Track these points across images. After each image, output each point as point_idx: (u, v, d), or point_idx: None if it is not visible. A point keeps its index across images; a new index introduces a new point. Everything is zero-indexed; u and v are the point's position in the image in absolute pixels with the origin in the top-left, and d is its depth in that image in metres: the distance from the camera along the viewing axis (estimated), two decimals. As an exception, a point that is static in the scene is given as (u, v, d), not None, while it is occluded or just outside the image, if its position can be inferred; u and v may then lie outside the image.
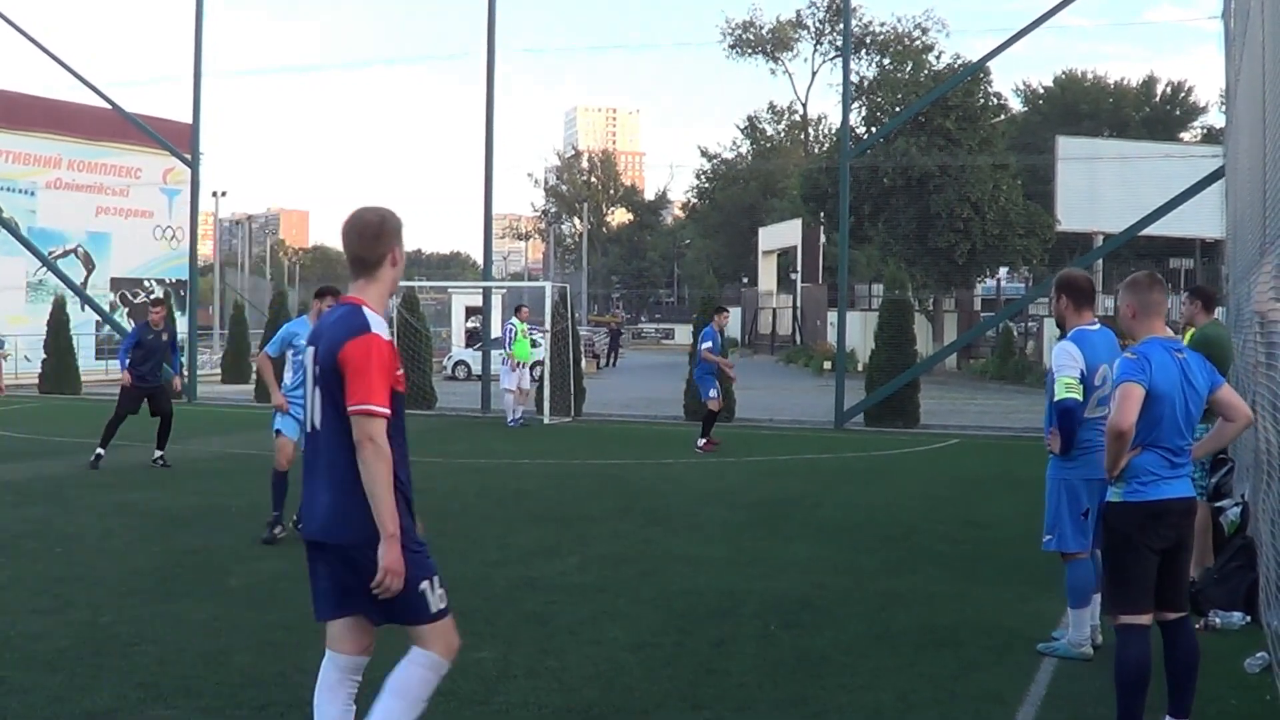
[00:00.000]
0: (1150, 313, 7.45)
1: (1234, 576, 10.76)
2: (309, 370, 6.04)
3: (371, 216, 6.25)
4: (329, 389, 5.85)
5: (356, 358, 5.76)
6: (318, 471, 5.96)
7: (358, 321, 5.87)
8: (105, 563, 12.64)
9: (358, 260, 6.12)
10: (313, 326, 6.37)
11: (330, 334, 5.89)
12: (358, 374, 5.75)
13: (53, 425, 28.50)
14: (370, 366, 5.77)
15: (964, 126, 59.98)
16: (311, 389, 6.00)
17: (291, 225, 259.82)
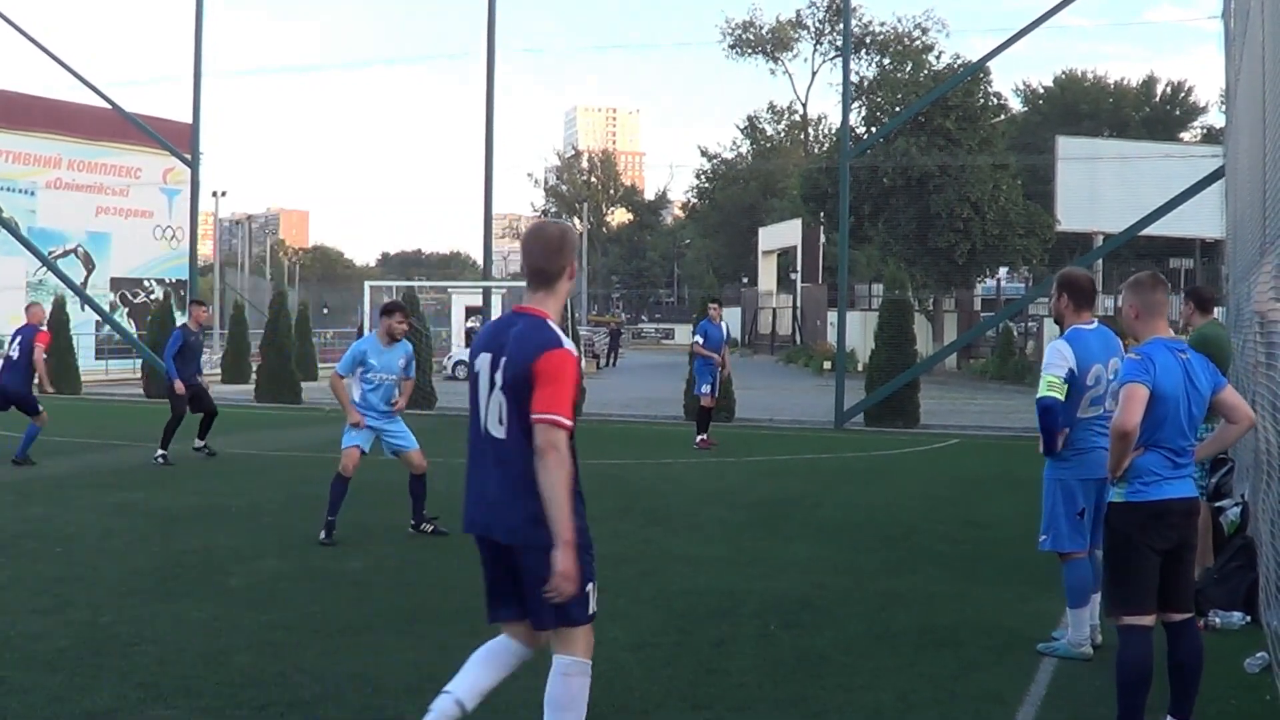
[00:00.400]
0: (1153, 313, 7.46)
1: (1234, 576, 10.76)
2: (484, 377, 6.28)
3: (554, 229, 6.51)
4: (517, 396, 6.12)
5: (550, 370, 6.06)
6: (493, 475, 6.31)
7: (549, 335, 6.17)
8: (105, 563, 12.64)
9: (540, 272, 6.39)
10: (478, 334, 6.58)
11: (519, 345, 6.15)
12: (549, 385, 6.05)
13: (53, 425, 28.38)
14: (563, 380, 6.11)
15: (964, 126, 59.96)
16: (488, 395, 6.27)
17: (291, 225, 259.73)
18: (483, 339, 6.44)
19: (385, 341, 14.40)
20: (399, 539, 14.20)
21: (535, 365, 6.06)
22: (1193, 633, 7.40)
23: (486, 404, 6.28)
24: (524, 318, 6.31)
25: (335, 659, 9.10)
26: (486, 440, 6.31)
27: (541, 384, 6.05)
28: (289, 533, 14.54)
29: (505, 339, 6.24)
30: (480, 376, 6.33)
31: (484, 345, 6.37)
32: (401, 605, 10.91)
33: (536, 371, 6.06)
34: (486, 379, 6.27)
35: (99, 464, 20.80)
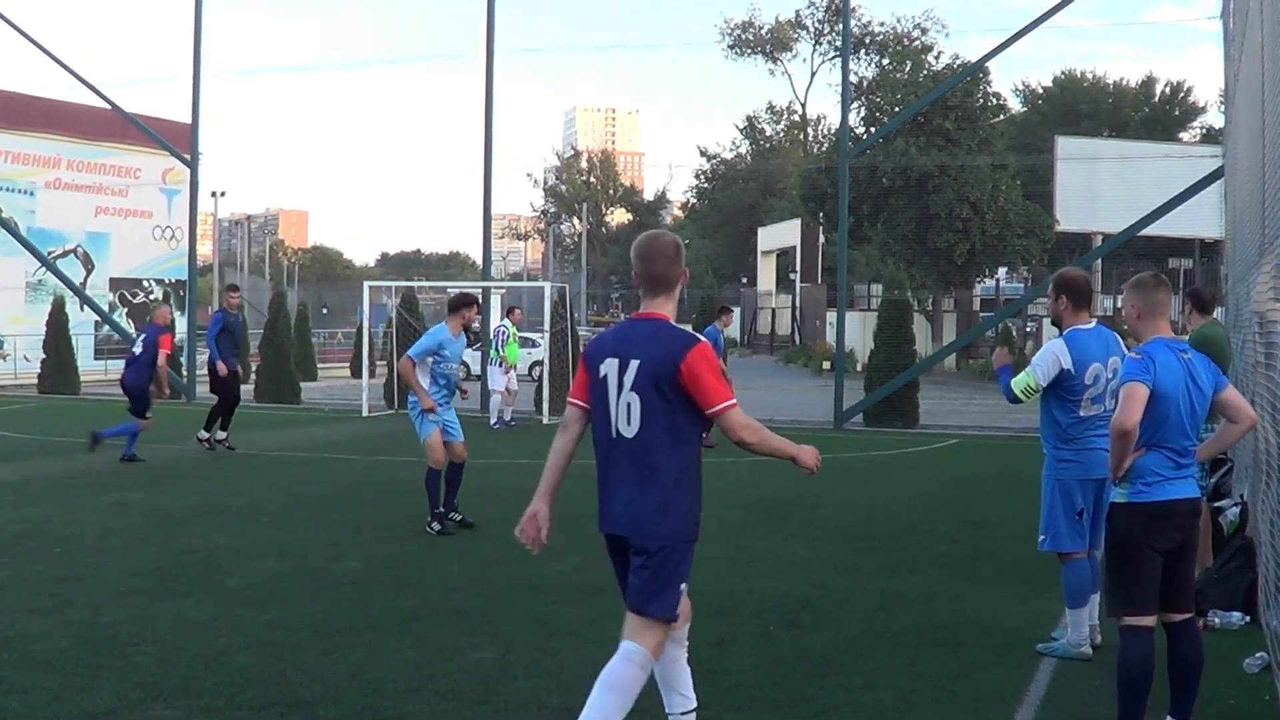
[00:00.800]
0: (1155, 313, 7.46)
1: (1233, 576, 10.77)
2: (612, 380, 6.64)
3: (669, 239, 6.95)
4: (657, 395, 6.51)
5: (701, 366, 6.49)
6: (627, 474, 6.65)
7: (684, 334, 6.65)
8: (105, 563, 12.65)
9: (660, 279, 6.78)
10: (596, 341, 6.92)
11: (654, 348, 6.55)
12: (706, 380, 6.49)
13: (52, 425, 28.49)
14: (713, 371, 6.54)
15: (963, 126, 59.93)
16: (616, 397, 6.63)
17: (290, 225, 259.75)
18: (606, 345, 6.77)
19: (456, 333, 14.98)
20: (398, 539, 14.20)
21: (684, 364, 6.46)
22: (1193, 633, 7.40)
23: (615, 406, 6.64)
24: (649, 323, 6.71)
25: (335, 659, 9.10)
26: (616, 442, 6.67)
27: (700, 381, 6.48)
28: (289, 533, 14.55)
29: (630, 344, 6.62)
30: (607, 380, 6.67)
31: (609, 351, 6.70)
32: (401, 605, 10.91)
33: (686, 371, 6.46)
34: (614, 382, 6.63)
35: (98, 464, 20.78)
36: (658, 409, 6.53)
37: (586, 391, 6.87)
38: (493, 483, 18.94)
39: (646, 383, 6.52)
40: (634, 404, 6.56)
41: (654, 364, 6.50)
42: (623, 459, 6.66)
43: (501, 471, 20.50)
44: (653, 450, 6.57)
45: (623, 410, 6.61)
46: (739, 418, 6.58)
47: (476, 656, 9.23)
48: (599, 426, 6.80)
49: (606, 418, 6.71)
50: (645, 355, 6.54)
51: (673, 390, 6.50)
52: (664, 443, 6.56)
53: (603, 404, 6.72)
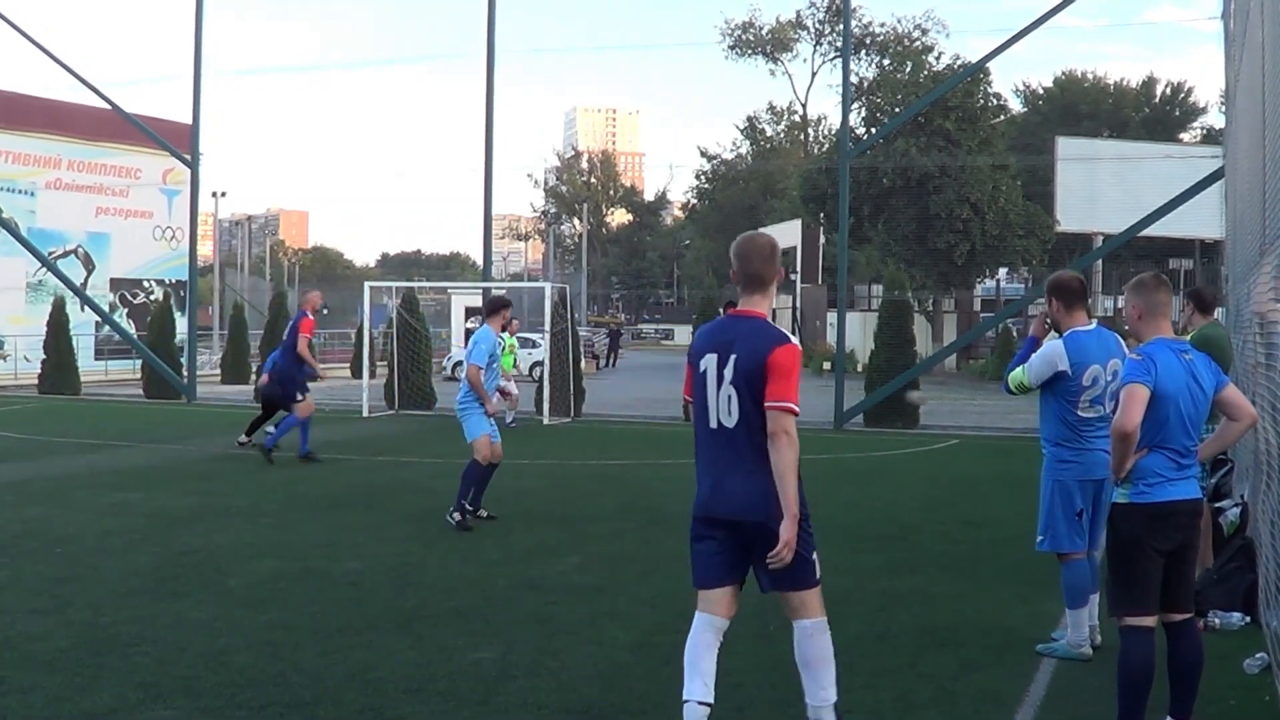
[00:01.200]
0: (1156, 313, 7.45)
1: (1233, 577, 10.76)
2: (712, 374, 7.02)
3: (766, 239, 7.34)
4: (750, 388, 6.87)
5: (784, 364, 6.84)
6: (728, 461, 6.98)
7: (777, 332, 6.99)
8: (105, 563, 12.64)
9: (757, 278, 7.15)
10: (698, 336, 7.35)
11: (750, 342, 6.92)
12: (782, 377, 6.83)
13: (52, 426, 28.49)
14: (793, 372, 6.88)
15: (964, 127, 60.01)
16: (716, 390, 7.00)
17: (291, 225, 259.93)
18: (706, 341, 7.16)
19: (498, 333, 15.76)
20: (398, 539, 14.19)
21: (769, 360, 6.82)
22: (1193, 633, 7.40)
23: (715, 399, 7.00)
24: (746, 320, 7.08)
25: (334, 659, 9.10)
26: (718, 432, 7.01)
27: (774, 377, 6.81)
28: (289, 533, 14.55)
29: (730, 339, 7.00)
30: (708, 374, 7.05)
31: (708, 346, 7.10)
32: (401, 606, 10.91)
33: (770, 365, 6.82)
34: (714, 376, 7.00)
35: (99, 464, 20.80)
36: (750, 401, 6.87)
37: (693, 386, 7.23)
38: (494, 483, 18.90)
39: (742, 376, 6.88)
40: (733, 397, 6.92)
41: (748, 358, 6.88)
42: (727, 448, 6.99)
43: (502, 472, 20.48)
44: (753, 439, 6.89)
45: (723, 402, 6.97)
46: (787, 423, 6.83)
47: (476, 657, 9.23)
48: (700, 417, 7.14)
49: (707, 409, 7.07)
50: (741, 350, 6.92)
51: (759, 383, 6.84)
52: (763, 432, 6.86)
53: (703, 396, 7.09)
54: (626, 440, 26.72)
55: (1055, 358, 9.10)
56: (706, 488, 7.12)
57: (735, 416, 6.93)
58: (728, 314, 7.30)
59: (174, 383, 37.38)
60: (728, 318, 7.24)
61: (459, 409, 15.43)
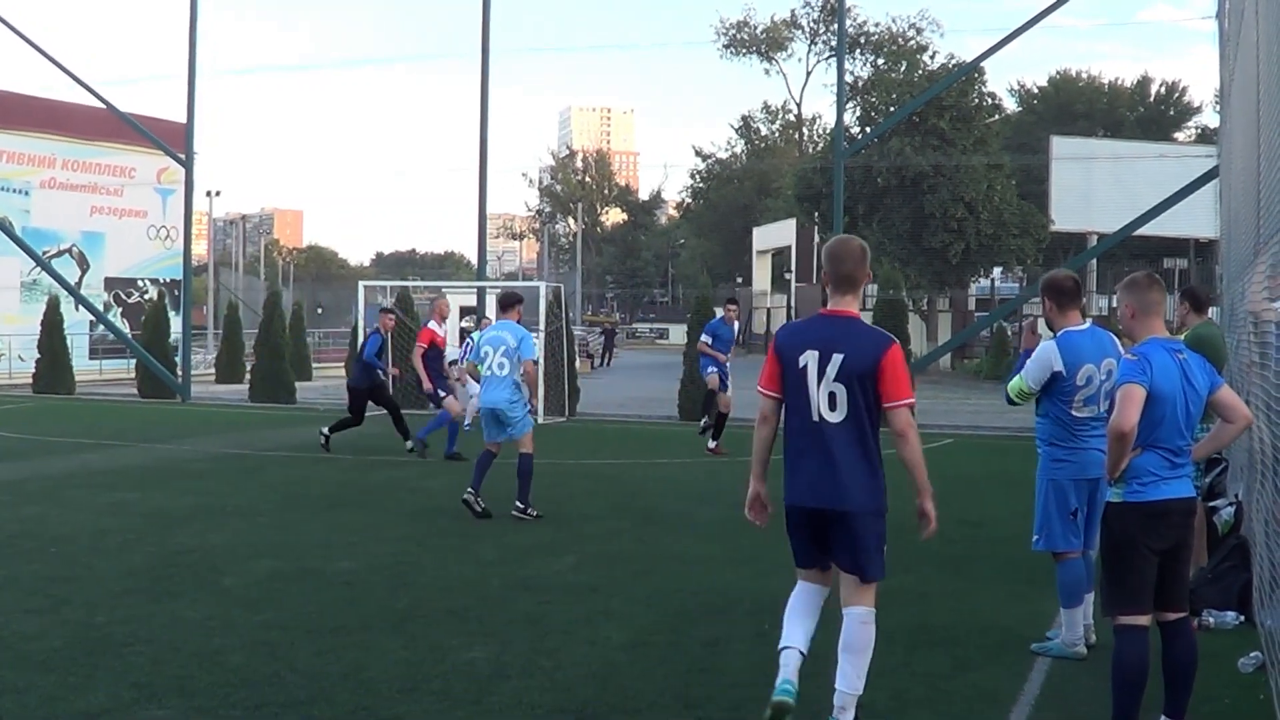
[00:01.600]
0: (1149, 312, 7.46)
1: (1227, 576, 10.78)
2: (813, 371, 7.36)
3: (857, 244, 7.65)
4: (860, 385, 7.27)
5: (896, 363, 7.30)
6: (833, 455, 7.36)
7: (882, 333, 7.47)
8: (100, 562, 12.64)
9: (849, 279, 7.55)
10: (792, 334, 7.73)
11: (856, 343, 7.32)
12: (898, 377, 7.28)
13: (47, 425, 28.48)
14: (904, 369, 7.37)
15: (958, 126, 60.06)
16: (817, 386, 7.35)
17: (286, 225, 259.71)
18: (801, 339, 7.53)
19: None
20: (393, 539, 14.19)
21: (883, 361, 7.24)
22: (1187, 632, 7.40)
23: (816, 394, 7.37)
24: (843, 320, 7.46)
25: (329, 659, 9.10)
26: (819, 425, 7.38)
27: (890, 377, 7.25)
28: (283, 533, 14.55)
29: (831, 338, 7.36)
30: (807, 370, 7.38)
31: (806, 344, 7.44)
32: (395, 605, 10.91)
33: (884, 366, 7.24)
34: (815, 372, 7.35)
35: (93, 464, 20.80)
36: (859, 398, 7.26)
37: (779, 382, 7.60)
38: (488, 483, 18.89)
39: (851, 375, 7.25)
40: (838, 393, 7.29)
41: (858, 358, 7.26)
42: (827, 441, 7.36)
43: (495, 472, 20.47)
44: (857, 433, 7.32)
45: (824, 398, 7.33)
46: (909, 417, 7.33)
47: (470, 656, 9.23)
48: (796, 412, 7.49)
49: (807, 404, 7.41)
50: (849, 350, 7.28)
51: (871, 382, 7.25)
52: (865, 427, 7.31)
53: (802, 391, 7.43)
54: (621, 440, 26.71)
55: (1050, 359, 9.11)
56: (803, 479, 7.51)
57: (842, 413, 7.31)
58: (820, 313, 7.63)
59: (169, 382, 37.37)
60: (820, 317, 7.59)
61: (508, 405, 15.69)
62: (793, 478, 7.59)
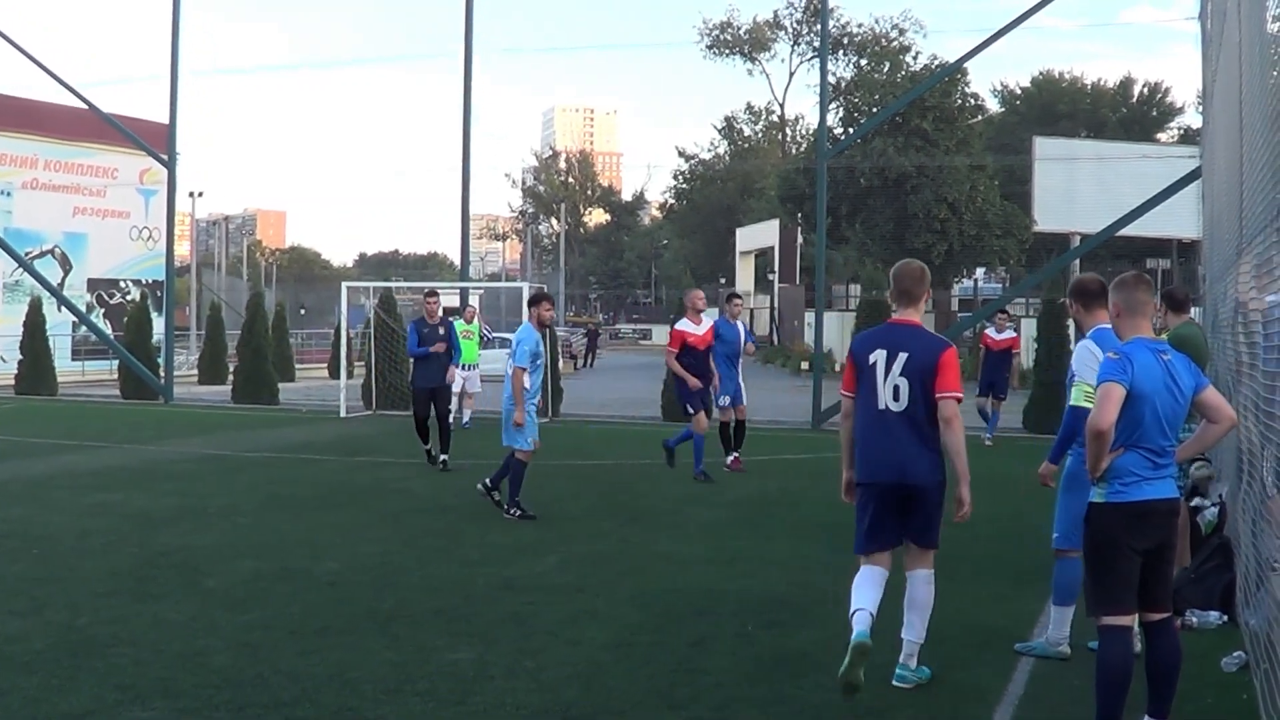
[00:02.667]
0: (1135, 312, 7.47)
1: (1211, 576, 10.80)
2: (880, 367, 8.67)
3: (918, 265, 9.21)
4: (921, 380, 8.58)
5: (950, 362, 8.69)
6: (900, 438, 8.59)
7: (939, 338, 9.01)
8: (83, 564, 12.61)
9: (908, 294, 8.99)
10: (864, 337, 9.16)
11: (919, 344, 8.70)
12: (950, 373, 8.65)
13: (29, 426, 28.41)
14: (956, 369, 8.73)
15: (941, 127, 60.17)
16: (884, 380, 8.63)
17: (269, 225, 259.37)
18: (872, 343, 8.87)
19: (538, 329, 15.60)
20: (377, 539, 14.18)
21: (940, 360, 8.64)
22: (1171, 632, 7.41)
23: (883, 387, 8.65)
24: (907, 327, 8.86)
25: (313, 660, 9.09)
26: (885, 413, 8.63)
27: (944, 373, 8.62)
28: (267, 534, 14.52)
29: (896, 341, 8.73)
30: (876, 367, 8.69)
31: (876, 346, 8.79)
32: (379, 606, 10.89)
33: (940, 364, 8.62)
34: (883, 368, 8.66)
35: (76, 465, 20.75)
36: (919, 390, 8.58)
37: (856, 383, 8.84)
38: (472, 483, 18.91)
39: (914, 371, 8.59)
40: (901, 386, 8.60)
41: (921, 357, 8.63)
42: (893, 427, 8.62)
43: (480, 472, 20.46)
44: (918, 419, 8.59)
45: (890, 390, 8.63)
46: (955, 408, 8.63)
47: (455, 657, 9.23)
48: (865, 402, 8.75)
49: (874, 395, 8.69)
50: (912, 350, 8.65)
51: (930, 377, 8.58)
52: (926, 414, 8.58)
53: (870, 384, 8.72)
54: (605, 440, 26.71)
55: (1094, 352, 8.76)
56: (873, 459, 8.70)
57: (904, 403, 8.58)
58: (888, 321, 9.08)
59: (151, 383, 37.29)
60: (889, 324, 9.03)
61: (505, 409, 15.67)
62: (864, 459, 8.77)
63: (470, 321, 28.95)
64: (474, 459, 21.52)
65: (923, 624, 8.75)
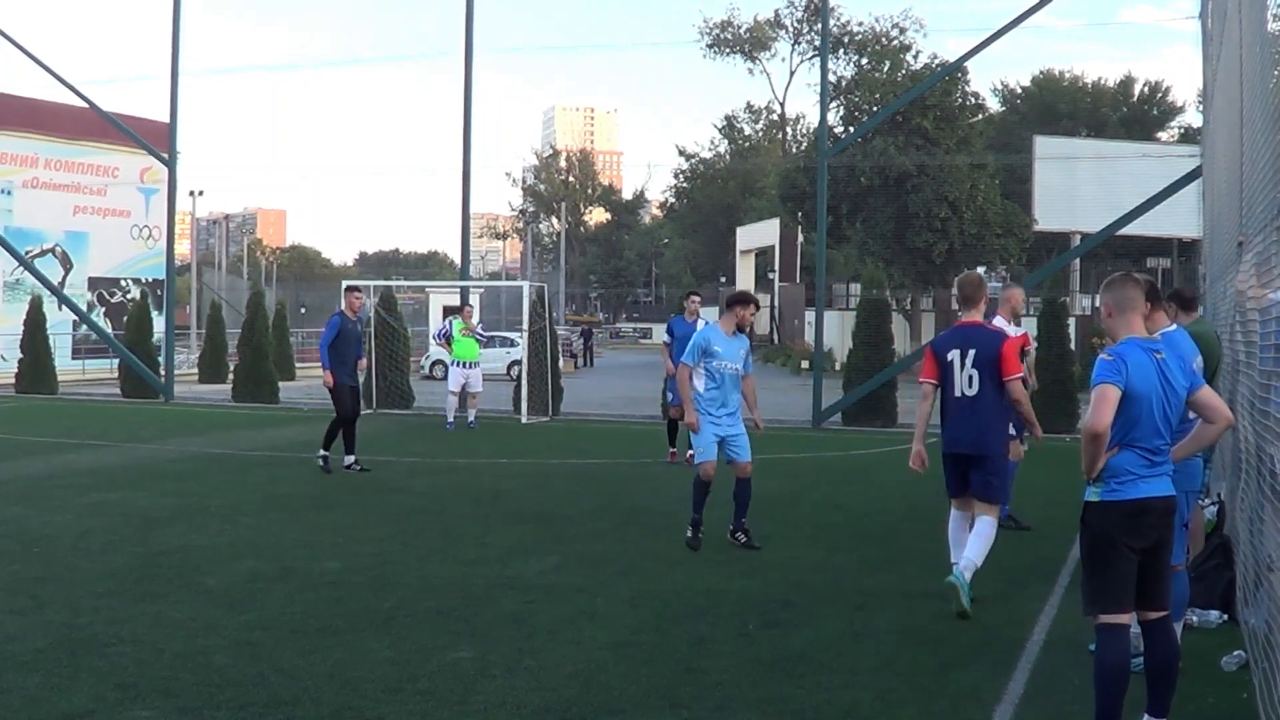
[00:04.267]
0: (1126, 310, 7.46)
1: (1210, 575, 10.80)
2: (957, 362, 11.09)
3: (975, 275, 11.73)
4: (989, 370, 10.99)
5: (1009, 351, 11.04)
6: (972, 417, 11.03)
7: (998, 332, 11.44)
8: (83, 563, 12.60)
9: (970, 299, 11.45)
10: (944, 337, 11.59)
11: (984, 340, 11.11)
12: (1009, 360, 11.01)
13: (29, 425, 28.40)
14: (1015, 356, 11.12)
15: (942, 126, 60.08)
16: (960, 372, 11.07)
17: (269, 224, 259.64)
18: (949, 342, 11.27)
19: (730, 331, 13.97)
20: (377, 539, 14.17)
21: (1001, 351, 10.97)
22: (1169, 631, 7.41)
23: (959, 377, 11.09)
24: (974, 326, 11.29)
25: (313, 659, 9.08)
26: (961, 399, 11.09)
27: (1005, 360, 10.98)
28: (267, 533, 14.51)
29: (967, 339, 11.13)
30: (954, 362, 11.11)
31: (953, 345, 11.20)
32: (379, 606, 10.89)
33: (1002, 354, 10.97)
34: (959, 364, 11.08)
35: (76, 464, 20.74)
36: (988, 378, 10.99)
37: (936, 371, 11.26)
38: (471, 482, 18.91)
39: (982, 363, 10.98)
40: (974, 376, 11.00)
41: (986, 350, 11.02)
42: (968, 408, 11.04)
43: (480, 471, 20.49)
44: (987, 402, 11.00)
45: (965, 379, 11.05)
46: (1021, 387, 11.15)
47: (455, 656, 9.22)
48: (947, 389, 11.19)
49: (953, 384, 11.13)
50: (979, 346, 11.05)
51: (995, 366, 10.97)
52: (994, 397, 11.00)
53: (950, 375, 11.15)
54: (605, 439, 26.69)
55: None
56: (953, 433, 11.12)
57: (975, 389, 11.00)
58: (957, 324, 11.50)
59: (152, 382, 37.29)
60: (957, 327, 11.43)
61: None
62: (948, 433, 11.19)
63: (468, 320, 28.66)
64: (472, 458, 21.53)
65: (980, 552, 10.88)
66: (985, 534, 10.93)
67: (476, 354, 28.21)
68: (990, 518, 11.01)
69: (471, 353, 27.80)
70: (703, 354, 13.87)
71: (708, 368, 13.86)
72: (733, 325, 13.97)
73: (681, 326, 20.71)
